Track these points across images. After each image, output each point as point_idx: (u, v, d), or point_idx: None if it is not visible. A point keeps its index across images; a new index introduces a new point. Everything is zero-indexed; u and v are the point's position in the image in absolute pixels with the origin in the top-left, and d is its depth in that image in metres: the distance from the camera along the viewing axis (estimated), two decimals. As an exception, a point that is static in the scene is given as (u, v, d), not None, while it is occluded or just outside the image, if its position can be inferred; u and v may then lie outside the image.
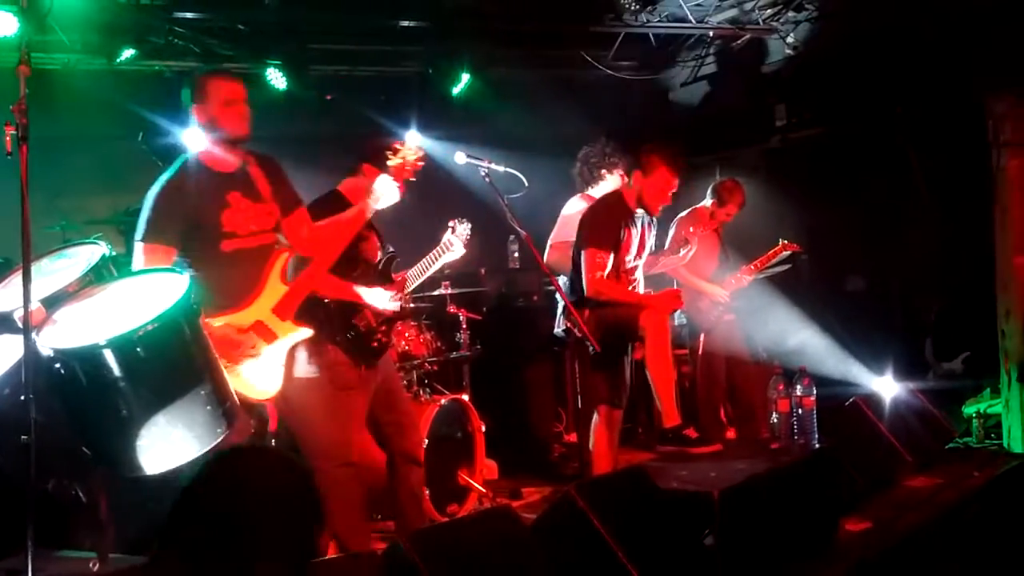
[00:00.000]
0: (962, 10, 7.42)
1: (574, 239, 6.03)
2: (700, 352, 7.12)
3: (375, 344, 4.95)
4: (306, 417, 4.70)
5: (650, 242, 6.18)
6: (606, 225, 5.81)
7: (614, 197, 6.07)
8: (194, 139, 4.25)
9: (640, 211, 5.97)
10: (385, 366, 5.12)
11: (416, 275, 5.61)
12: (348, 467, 4.78)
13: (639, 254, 6.02)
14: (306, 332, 4.35)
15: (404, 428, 5.15)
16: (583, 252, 5.77)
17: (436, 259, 5.49)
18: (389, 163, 4.69)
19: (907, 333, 8.69)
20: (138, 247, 3.98)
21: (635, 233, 5.95)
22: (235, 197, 4.20)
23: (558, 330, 5.98)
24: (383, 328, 4.99)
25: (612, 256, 5.75)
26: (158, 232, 3.99)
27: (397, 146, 4.76)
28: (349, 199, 4.99)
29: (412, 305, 6.37)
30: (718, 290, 7.03)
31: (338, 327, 4.83)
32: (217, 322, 3.98)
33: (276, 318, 4.21)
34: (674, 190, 6.00)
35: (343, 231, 4.58)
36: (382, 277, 5.09)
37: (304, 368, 4.63)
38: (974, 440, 6.93)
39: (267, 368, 4.14)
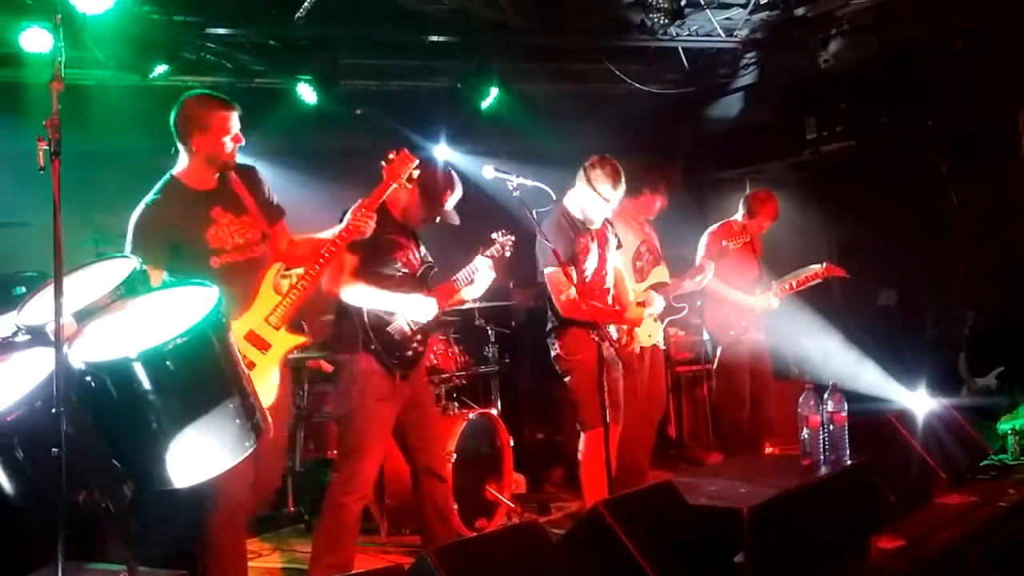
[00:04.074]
0: (993, 23, 7.37)
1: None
2: (718, 367, 7.07)
3: (410, 353, 4.93)
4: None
5: (612, 246, 5.98)
6: (554, 241, 5.54)
7: (556, 211, 5.80)
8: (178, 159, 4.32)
9: (596, 221, 5.81)
10: (417, 378, 5.10)
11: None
12: (364, 501, 4.80)
13: (602, 260, 5.83)
14: (299, 340, 4.34)
15: (429, 443, 5.13)
16: (546, 276, 5.66)
17: (461, 287, 5.30)
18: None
19: (940, 348, 8.62)
20: None
21: (592, 241, 5.77)
22: (218, 212, 4.28)
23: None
24: (418, 337, 4.96)
25: (572, 269, 5.58)
26: (142, 255, 3.98)
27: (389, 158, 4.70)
28: (387, 206, 4.96)
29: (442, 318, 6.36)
30: (749, 299, 6.97)
31: (370, 338, 4.82)
32: None
33: (269, 327, 4.25)
34: (612, 207, 5.79)
35: (320, 250, 4.46)
36: (418, 287, 5.06)
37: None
38: (1009, 457, 6.82)
39: (261, 379, 4.13)
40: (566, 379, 5.75)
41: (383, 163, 4.69)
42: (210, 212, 4.27)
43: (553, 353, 5.80)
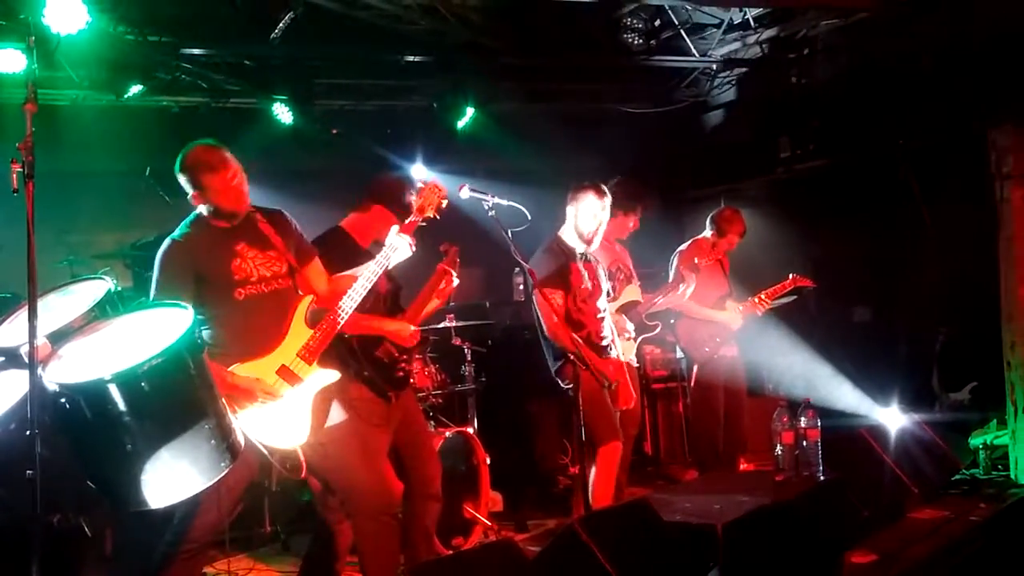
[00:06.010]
0: (964, 43, 7.46)
1: None
2: (693, 384, 7.10)
3: (399, 374, 4.93)
4: (347, 465, 4.48)
5: (604, 279, 6.04)
6: (547, 265, 5.66)
7: (549, 238, 5.91)
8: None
9: (582, 247, 5.85)
10: (406, 397, 5.10)
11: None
12: (393, 519, 4.57)
13: (596, 288, 5.88)
14: (332, 375, 4.27)
15: (424, 460, 5.13)
16: (535, 295, 5.69)
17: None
18: (409, 213, 4.66)
19: (913, 364, 8.68)
20: None
21: (583, 268, 5.81)
22: (242, 247, 4.21)
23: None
24: (404, 357, 4.96)
25: (564, 293, 5.65)
26: (168, 290, 4.00)
27: (418, 188, 4.75)
28: (353, 236, 4.97)
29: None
30: (720, 315, 7.01)
31: (361, 363, 4.78)
32: (242, 370, 4.00)
33: (301, 362, 4.17)
34: (604, 220, 5.85)
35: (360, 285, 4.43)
36: (391, 308, 5.05)
37: (337, 414, 4.45)
38: (980, 472, 6.89)
39: (294, 414, 4.10)
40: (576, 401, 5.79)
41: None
42: (234, 246, 4.20)
43: (563, 386, 5.85)
